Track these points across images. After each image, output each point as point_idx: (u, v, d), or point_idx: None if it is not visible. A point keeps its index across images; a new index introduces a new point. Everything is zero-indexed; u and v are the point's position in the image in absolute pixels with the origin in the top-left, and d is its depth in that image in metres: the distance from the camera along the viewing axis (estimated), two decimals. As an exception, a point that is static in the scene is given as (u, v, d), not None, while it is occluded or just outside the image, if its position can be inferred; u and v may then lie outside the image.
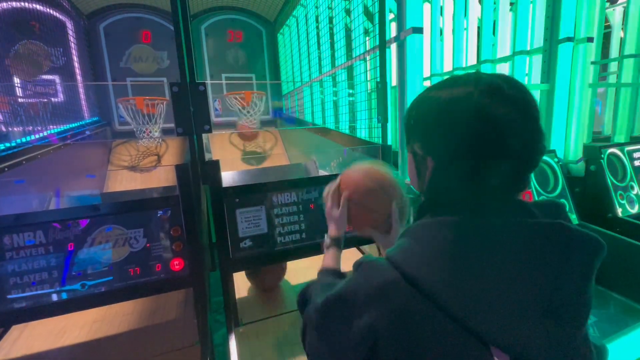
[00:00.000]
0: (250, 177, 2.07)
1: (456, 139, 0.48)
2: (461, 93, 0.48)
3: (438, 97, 0.51)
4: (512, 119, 0.45)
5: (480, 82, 0.48)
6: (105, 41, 3.70)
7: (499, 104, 0.46)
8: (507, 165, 0.47)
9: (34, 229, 1.03)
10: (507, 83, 0.48)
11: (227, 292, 1.26)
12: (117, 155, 3.23)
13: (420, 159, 0.55)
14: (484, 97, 0.46)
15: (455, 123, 0.48)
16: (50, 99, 2.66)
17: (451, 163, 0.50)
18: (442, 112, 0.50)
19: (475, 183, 0.48)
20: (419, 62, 1.51)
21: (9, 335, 1.32)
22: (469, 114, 0.46)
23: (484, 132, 0.46)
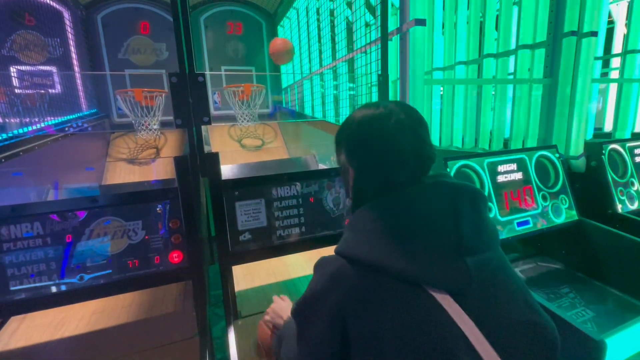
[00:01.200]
0: (250, 170, 2.06)
1: (365, 152, 0.65)
2: (367, 114, 0.65)
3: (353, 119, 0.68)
4: (402, 135, 0.61)
5: (379, 107, 0.64)
6: (103, 32, 3.65)
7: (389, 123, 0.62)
8: (405, 169, 0.62)
9: (31, 221, 1.02)
10: (399, 108, 0.64)
11: (226, 285, 1.26)
12: (116, 147, 3.21)
13: (345, 169, 0.70)
14: (381, 119, 0.62)
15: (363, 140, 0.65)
16: (47, 90, 2.63)
17: (365, 170, 0.65)
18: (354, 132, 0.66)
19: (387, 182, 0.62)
20: (421, 55, 1.49)
21: (7, 326, 1.32)
22: (371, 132, 0.64)
23: (383, 145, 0.62)
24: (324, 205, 1.34)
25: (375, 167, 0.63)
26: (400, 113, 0.63)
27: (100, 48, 3.65)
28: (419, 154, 0.63)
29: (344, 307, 0.54)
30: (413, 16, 1.44)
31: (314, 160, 2.28)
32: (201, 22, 4.05)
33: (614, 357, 1.03)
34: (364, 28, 1.94)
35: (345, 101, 2.58)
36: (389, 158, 0.62)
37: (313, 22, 2.95)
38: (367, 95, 1.95)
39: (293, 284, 1.59)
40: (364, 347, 0.52)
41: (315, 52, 3.08)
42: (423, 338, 0.49)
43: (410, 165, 0.62)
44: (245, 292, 1.53)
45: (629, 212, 1.78)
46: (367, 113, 0.65)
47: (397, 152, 0.61)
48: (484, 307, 0.53)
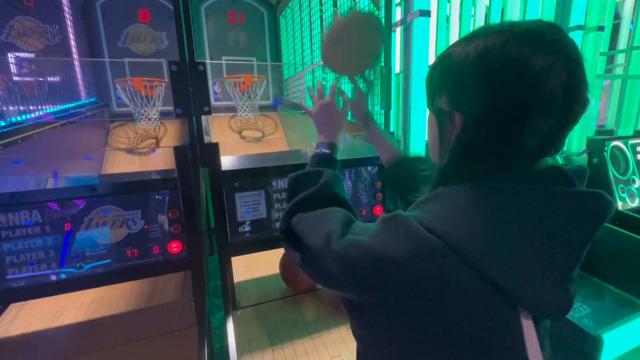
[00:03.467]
0: (250, 161, 2.05)
1: (492, 92, 0.43)
2: (496, 42, 0.43)
3: (468, 49, 0.45)
4: (555, 70, 0.41)
5: (517, 27, 0.43)
6: (103, 20, 3.60)
7: (541, 52, 0.41)
8: (548, 122, 0.43)
9: (30, 209, 1.01)
10: (547, 28, 0.42)
11: (225, 275, 1.26)
12: (115, 137, 3.19)
13: (446, 117, 0.49)
14: (524, 45, 0.41)
15: (491, 76, 0.43)
16: (46, 77, 2.60)
17: (484, 120, 0.45)
18: (475, 65, 0.44)
19: (512, 144, 0.44)
20: (425, 46, 1.47)
21: (7, 314, 1.32)
22: (506, 64, 0.42)
23: (525, 85, 0.41)
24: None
25: (504, 114, 0.43)
26: (553, 34, 0.42)
27: (100, 36, 3.60)
28: (572, 98, 0.42)
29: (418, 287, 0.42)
30: (418, 7, 1.41)
31: (315, 153, 2.27)
32: (202, 10, 3.99)
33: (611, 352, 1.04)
34: (367, 19, 1.91)
35: (347, 93, 2.56)
36: (530, 104, 0.42)
37: (316, 13, 2.91)
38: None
39: (292, 276, 1.59)
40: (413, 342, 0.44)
41: (318, 43, 3.04)
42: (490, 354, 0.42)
43: (554, 117, 0.43)
44: (244, 283, 1.54)
45: (630, 210, 1.78)
46: (499, 37, 0.43)
47: (543, 95, 0.41)
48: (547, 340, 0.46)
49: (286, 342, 1.16)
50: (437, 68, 0.51)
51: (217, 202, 1.19)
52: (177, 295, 1.43)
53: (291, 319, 1.28)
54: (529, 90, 0.41)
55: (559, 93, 0.41)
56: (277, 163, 1.30)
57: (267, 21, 4.26)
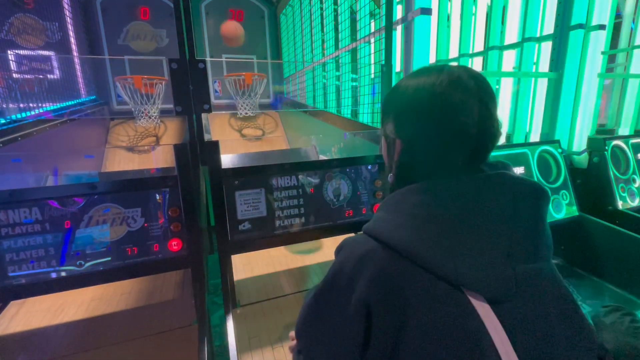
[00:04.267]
0: (250, 160, 2.05)
1: (421, 122, 0.55)
2: (426, 82, 0.55)
3: (408, 85, 0.58)
4: (467, 105, 0.52)
5: (443, 72, 0.54)
6: (102, 17, 3.59)
7: (456, 92, 0.52)
8: (468, 146, 0.54)
9: (30, 206, 1.01)
10: (466, 73, 0.54)
11: (225, 274, 1.26)
12: (115, 135, 3.19)
13: (391, 141, 0.61)
14: (444, 86, 0.53)
15: (420, 109, 0.55)
16: (46, 75, 2.59)
17: (416, 144, 0.57)
18: (410, 99, 0.57)
19: (440, 162, 0.55)
20: (426, 45, 1.47)
21: (7, 311, 1.33)
22: (432, 100, 0.53)
23: (444, 116, 0.53)
24: (324, 196, 1.34)
25: (430, 141, 0.55)
26: (469, 80, 0.53)
27: (100, 33, 3.60)
28: (484, 130, 0.53)
29: (371, 295, 0.48)
30: (419, 5, 1.41)
31: (315, 151, 2.27)
32: (202, 8, 3.98)
33: (610, 351, 1.03)
34: (368, 17, 1.91)
35: (348, 92, 2.55)
36: (449, 133, 0.53)
37: (316, 11, 2.90)
38: (369, 87, 1.92)
39: (291, 274, 1.59)
40: (385, 344, 0.47)
41: (318, 41, 3.03)
42: (451, 345, 0.44)
43: (472, 143, 0.53)
44: (244, 281, 1.54)
45: (630, 209, 1.78)
46: (429, 79, 0.54)
47: (459, 127, 0.52)
48: (523, 323, 0.47)
49: (286, 341, 1.16)
50: (387, 98, 0.64)
51: (217, 200, 1.19)
52: (177, 293, 1.43)
53: (291, 317, 1.28)
54: (449, 121, 0.53)
55: (471, 124, 0.52)
56: (277, 161, 1.29)
57: (267, 19, 4.24)
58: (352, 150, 1.79)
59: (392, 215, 0.53)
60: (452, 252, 0.46)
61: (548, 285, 0.51)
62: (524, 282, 0.48)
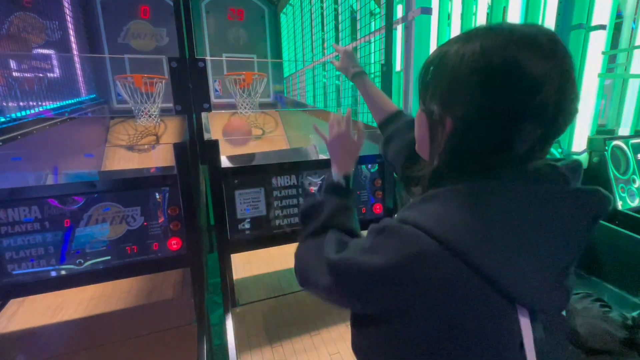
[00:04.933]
0: (250, 159, 2.05)
1: (485, 97, 0.42)
2: (495, 44, 0.42)
3: (464, 50, 0.44)
4: (550, 78, 0.40)
5: (515, 32, 0.42)
6: (103, 16, 3.58)
7: (537, 59, 0.40)
8: (538, 131, 0.43)
9: (29, 204, 1.01)
10: (545, 35, 0.42)
11: (224, 272, 1.26)
12: (115, 134, 3.19)
13: (437, 119, 0.49)
14: (521, 51, 0.40)
15: (486, 80, 0.42)
16: (46, 74, 2.59)
17: (476, 126, 0.45)
18: (471, 67, 0.43)
19: (502, 150, 0.45)
20: (426, 44, 1.47)
21: (6, 310, 1.33)
22: (504, 68, 0.41)
23: (519, 91, 0.41)
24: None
25: (495, 123, 0.43)
26: (549, 43, 0.41)
27: (100, 32, 3.59)
28: (563, 110, 0.42)
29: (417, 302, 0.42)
30: (419, 4, 1.40)
31: (315, 151, 2.27)
32: (202, 7, 3.98)
33: (609, 351, 1.04)
34: (368, 16, 1.90)
35: (348, 91, 2.55)
36: (522, 112, 0.42)
37: (317, 10, 2.90)
38: (369, 86, 1.92)
39: (291, 274, 1.59)
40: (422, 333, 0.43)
41: (318, 40, 3.03)
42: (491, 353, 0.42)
43: (545, 125, 0.43)
44: (244, 281, 1.54)
45: (629, 209, 1.78)
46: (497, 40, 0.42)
47: (536, 105, 0.41)
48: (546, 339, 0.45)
49: (285, 340, 1.16)
50: (431, 66, 0.50)
51: (217, 199, 1.19)
52: (176, 292, 1.43)
53: (290, 316, 1.28)
54: (524, 98, 0.41)
55: (550, 103, 0.41)
56: (277, 161, 1.30)
57: (267, 18, 4.24)
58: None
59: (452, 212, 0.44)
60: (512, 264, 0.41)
61: None
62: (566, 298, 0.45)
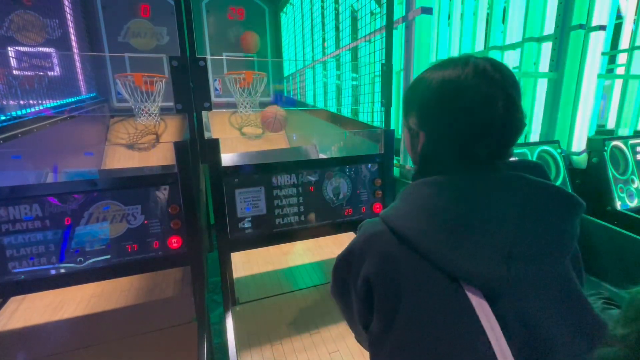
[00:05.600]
0: (250, 158, 2.05)
1: (446, 115, 0.55)
2: (451, 74, 0.54)
3: (432, 77, 0.57)
4: (495, 99, 0.51)
5: (468, 64, 0.53)
6: (103, 14, 3.58)
7: (483, 84, 0.52)
8: (492, 140, 0.53)
9: (30, 203, 1.01)
10: (491, 66, 0.53)
11: (224, 271, 1.27)
12: (115, 132, 3.19)
13: (414, 134, 0.62)
14: (470, 78, 0.52)
15: (446, 101, 0.54)
16: (46, 72, 2.59)
17: (440, 137, 0.57)
18: (435, 91, 0.56)
19: (464, 156, 0.55)
20: (426, 44, 1.47)
21: (7, 307, 1.33)
22: (456, 93, 0.53)
23: (471, 109, 0.52)
24: (323, 194, 1.34)
25: (453, 135, 0.55)
26: (494, 72, 0.52)
27: (100, 31, 3.58)
28: (509, 124, 0.53)
29: (372, 273, 0.54)
30: (420, 4, 1.41)
31: (315, 150, 2.27)
32: (202, 6, 3.97)
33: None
34: (368, 16, 1.91)
35: (348, 91, 2.56)
36: (473, 127, 0.53)
37: (317, 9, 2.90)
38: (370, 85, 1.92)
39: (291, 273, 1.59)
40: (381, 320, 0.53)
41: (319, 40, 3.03)
42: (445, 334, 0.47)
43: (495, 137, 0.53)
44: (244, 279, 1.55)
45: (628, 209, 1.78)
46: (454, 72, 0.54)
47: (484, 121, 0.52)
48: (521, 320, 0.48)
49: (285, 338, 1.17)
50: (409, 90, 0.63)
51: (217, 198, 1.20)
52: (176, 291, 1.43)
53: (290, 315, 1.29)
54: (475, 113, 0.52)
55: (497, 119, 0.52)
56: (277, 160, 1.30)
57: (268, 17, 4.24)
58: (352, 149, 1.79)
59: (403, 204, 0.56)
60: (453, 245, 0.49)
61: (554, 285, 0.51)
62: (523, 280, 0.48)
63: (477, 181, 0.53)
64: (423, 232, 0.51)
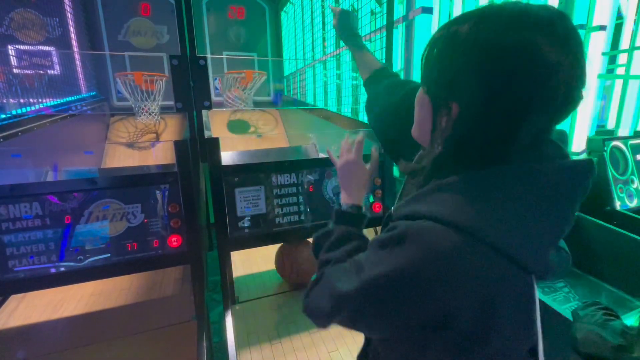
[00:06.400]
0: (250, 157, 2.05)
1: (497, 82, 0.40)
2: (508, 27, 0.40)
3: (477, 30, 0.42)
4: (562, 66, 0.39)
5: (530, 15, 0.40)
6: (103, 13, 3.58)
7: (551, 47, 0.39)
8: (544, 119, 0.43)
9: (30, 201, 1.02)
10: (559, 19, 0.40)
11: (224, 270, 1.27)
12: (115, 131, 3.19)
13: (442, 104, 0.46)
14: (536, 36, 0.39)
15: (498, 64, 0.40)
16: (46, 70, 2.59)
17: (484, 114, 0.42)
18: (483, 49, 0.41)
19: (507, 139, 0.43)
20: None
21: (7, 305, 1.33)
22: (517, 54, 0.39)
23: (532, 78, 0.39)
24: (323, 194, 1.34)
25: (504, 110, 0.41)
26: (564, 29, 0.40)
27: (100, 29, 3.58)
28: (571, 98, 0.42)
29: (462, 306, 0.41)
30: (420, 4, 1.41)
31: (315, 149, 2.27)
32: (203, 5, 3.97)
33: (606, 350, 1.05)
34: (369, 15, 1.90)
35: (348, 90, 2.56)
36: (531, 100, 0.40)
37: (317, 9, 2.90)
38: (370, 85, 1.92)
39: (291, 272, 1.60)
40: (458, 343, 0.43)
41: (319, 39, 3.03)
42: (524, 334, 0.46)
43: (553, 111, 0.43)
44: (243, 278, 1.55)
45: (628, 210, 1.79)
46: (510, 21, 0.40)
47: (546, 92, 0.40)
48: None
49: (284, 337, 1.17)
50: (438, 46, 0.46)
51: (217, 197, 1.20)
52: (176, 289, 1.43)
53: (289, 314, 1.29)
54: (537, 85, 0.40)
55: (560, 92, 0.40)
56: (277, 159, 1.30)
57: (268, 16, 4.23)
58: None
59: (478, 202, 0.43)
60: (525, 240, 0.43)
61: None
62: None
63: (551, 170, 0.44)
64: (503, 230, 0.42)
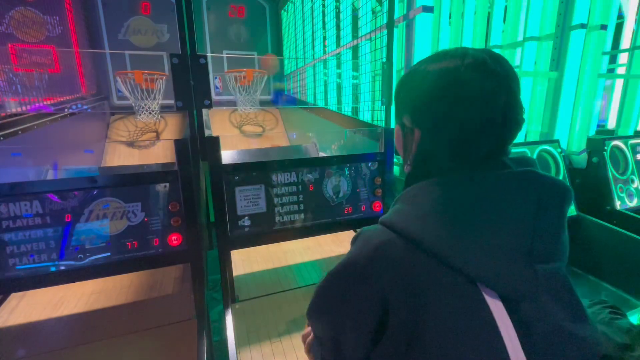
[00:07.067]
0: (250, 156, 2.05)
1: (443, 109, 0.51)
2: (449, 66, 0.51)
3: (427, 70, 0.53)
4: (496, 94, 0.49)
5: (467, 56, 0.50)
6: (103, 12, 3.57)
7: (483, 77, 0.49)
8: (489, 137, 0.51)
9: (30, 199, 1.02)
10: (490, 58, 0.50)
11: (224, 269, 1.27)
12: (115, 130, 3.19)
13: (408, 131, 0.58)
14: (470, 71, 0.49)
15: (444, 96, 0.51)
16: (46, 69, 2.59)
17: (438, 133, 0.53)
18: (431, 85, 0.52)
19: (462, 154, 0.52)
20: (427, 42, 1.47)
21: (7, 304, 1.33)
22: (456, 86, 0.50)
23: (471, 104, 0.49)
24: (323, 193, 1.34)
25: (454, 131, 0.51)
26: (495, 64, 0.49)
27: (100, 28, 3.58)
28: (510, 119, 0.51)
29: (388, 288, 0.46)
30: (420, 3, 1.40)
31: (315, 148, 2.27)
32: (203, 4, 3.97)
33: (605, 349, 1.05)
34: (369, 14, 1.90)
35: (348, 89, 2.56)
36: (474, 122, 0.49)
37: (318, 7, 2.89)
38: (370, 84, 1.92)
39: (291, 271, 1.60)
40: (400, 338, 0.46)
41: (319, 38, 3.02)
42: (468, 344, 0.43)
43: (496, 132, 0.51)
44: (243, 277, 1.55)
45: (628, 209, 1.79)
46: (452, 62, 0.50)
47: (485, 115, 0.49)
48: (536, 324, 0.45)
49: (284, 336, 1.17)
50: (402, 85, 0.59)
51: (217, 195, 1.20)
52: (176, 288, 1.43)
53: (290, 312, 1.29)
54: (475, 109, 0.49)
55: (498, 111, 0.49)
56: (277, 158, 1.30)
57: (268, 15, 4.23)
58: (352, 147, 1.79)
59: (412, 207, 0.50)
60: (471, 247, 0.45)
61: (563, 288, 0.49)
62: (543, 282, 0.46)
63: (490, 179, 0.49)
64: (440, 236, 0.46)
